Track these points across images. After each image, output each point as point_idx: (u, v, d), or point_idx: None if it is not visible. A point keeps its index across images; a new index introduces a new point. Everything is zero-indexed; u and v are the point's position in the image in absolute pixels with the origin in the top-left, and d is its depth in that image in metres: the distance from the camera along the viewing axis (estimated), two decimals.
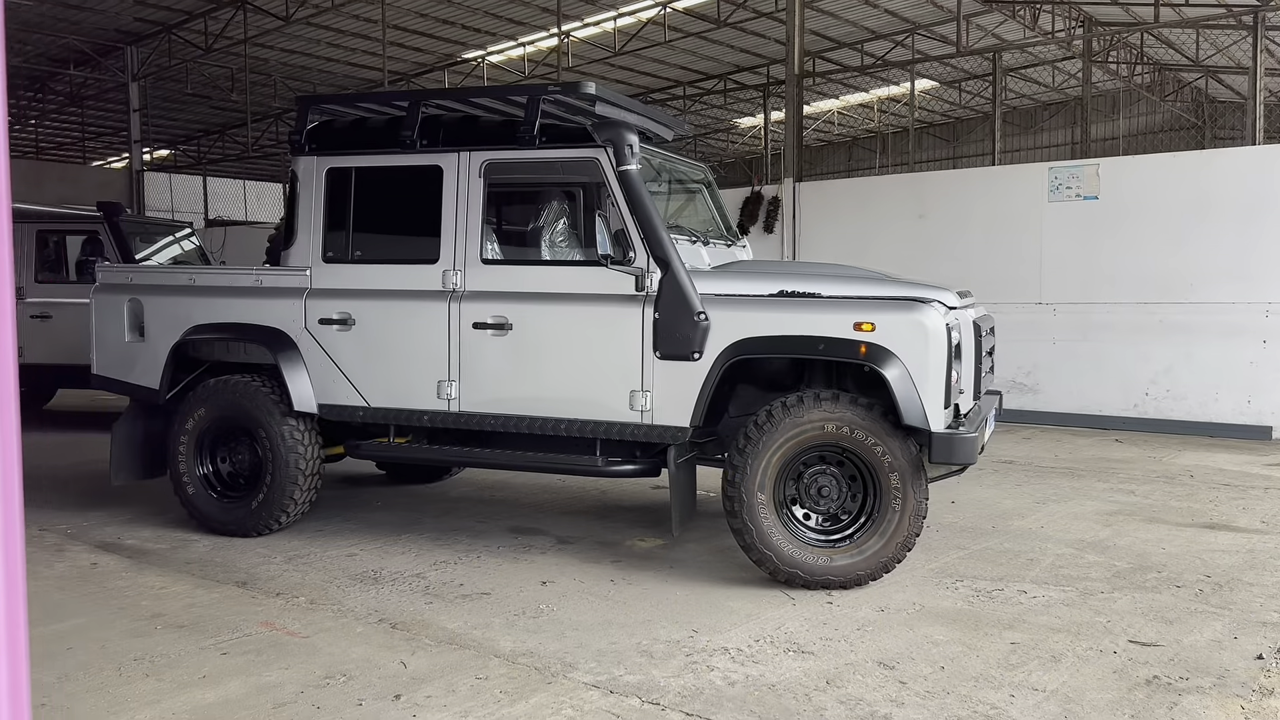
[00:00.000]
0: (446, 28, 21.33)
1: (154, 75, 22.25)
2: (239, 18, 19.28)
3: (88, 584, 4.93)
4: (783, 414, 4.79)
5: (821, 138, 35.36)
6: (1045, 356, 10.68)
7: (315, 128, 5.92)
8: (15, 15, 19.41)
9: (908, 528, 4.74)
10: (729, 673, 3.79)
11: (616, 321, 5.13)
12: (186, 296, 6.09)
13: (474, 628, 4.31)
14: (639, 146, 5.19)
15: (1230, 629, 4.26)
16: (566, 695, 3.59)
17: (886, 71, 25.74)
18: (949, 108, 31.48)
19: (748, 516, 4.80)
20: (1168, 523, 6.18)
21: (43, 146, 30.52)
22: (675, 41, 22.45)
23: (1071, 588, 4.85)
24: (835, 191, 12.44)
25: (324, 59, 23.14)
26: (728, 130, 33.51)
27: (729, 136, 34.35)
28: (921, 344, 4.64)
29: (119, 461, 6.25)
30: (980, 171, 12.41)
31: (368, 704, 3.52)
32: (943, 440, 4.61)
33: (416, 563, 5.33)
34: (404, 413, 5.60)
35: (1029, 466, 8.15)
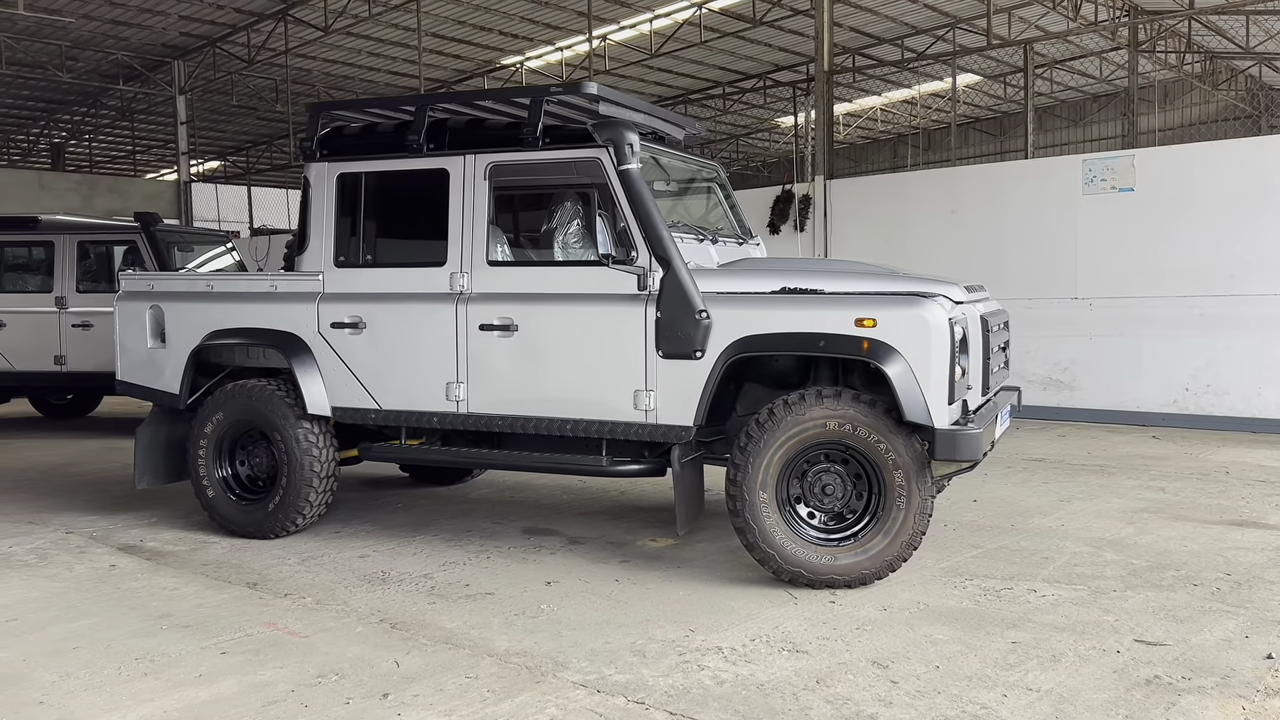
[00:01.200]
0: (484, 34, 21.49)
1: (200, 89, 22.70)
2: (280, 30, 19.58)
3: (104, 585, 5.03)
4: (784, 412, 4.74)
5: (865, 134, 35.06)
6: (1082, 352, 10.47)
7: (326, 134, 5.99)
8: (67, 34, 19.94)
9: (913, 526, 4.67)
10: (719, 672, 3.77)
11: (619, 321, 5.13)
12: (205, 303, 6.19)
13: (472, 627, 4.32)
14: (640, 145, 5.17)
15: (1243, 628, 4.14)
16: (553, 694, 3.59)
17: (929, 66, 25.47)
18: (994, 102, 31.02)
19: (750, 515, 4.76)
20: (1194, 520, 6.03)
21: (97, 160, 31.28)
22: (712, 42, 22.41)
23: (1083, 586, 4.75)
24: (867, 188, 12.33)
25: (365, 68, 23.44)
26: (770, 130, 33.35)
27: (771, 136, 34.18)
28: (924, 339, 4.57)
29: (143, 466, 6.37)
30: (1013, 165, 12.21)
31: (355, 702, 3.55)
32: (946, 437, 4.54)
33: (426, 563, 5.37)
34: (414, 415, 5.65)
35: (1059, 464, 8.00)
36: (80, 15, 19.02)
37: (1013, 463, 8.07)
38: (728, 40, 22.58)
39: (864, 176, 12.71)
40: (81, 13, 18.89)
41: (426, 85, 24.77)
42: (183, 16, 19.47)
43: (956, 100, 23.92)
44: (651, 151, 5.91)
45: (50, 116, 26.52)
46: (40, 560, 5.51)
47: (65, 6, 18.45)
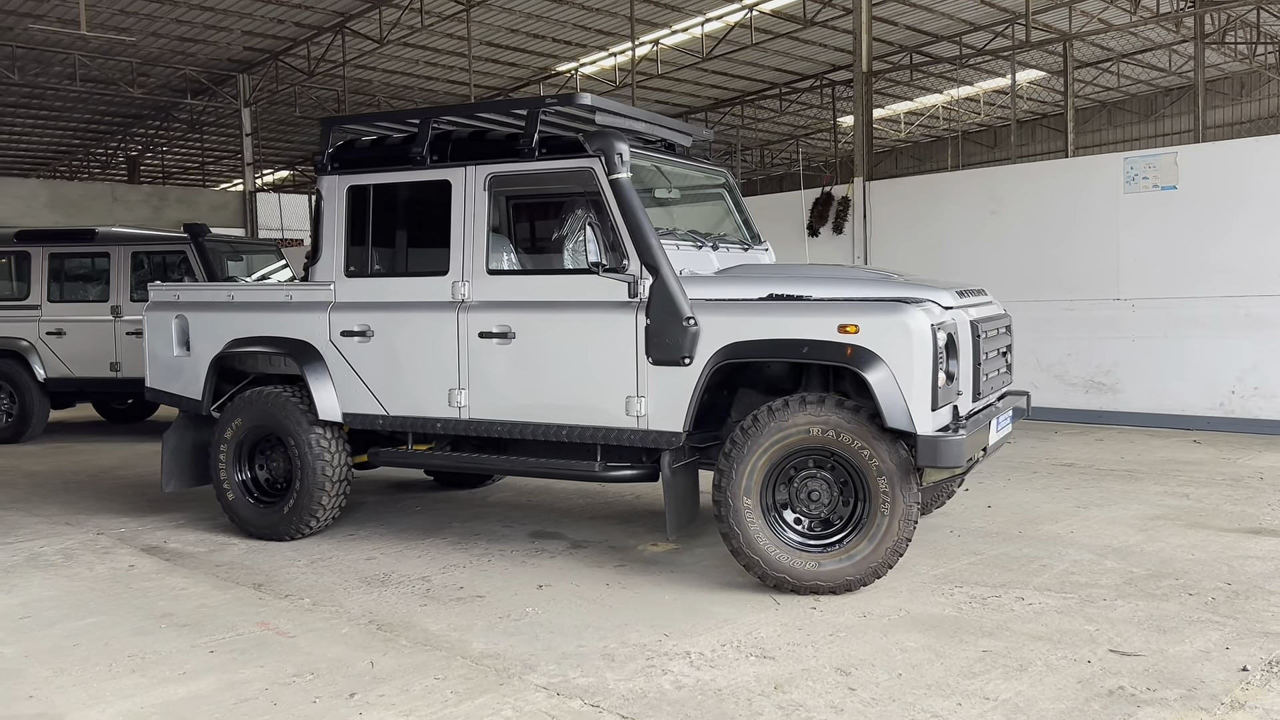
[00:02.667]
0: (537, 42, 21.72)
1: (265, 101, 23.33)
2: (338, 42, 20.05)
3: (118, 585, 5.25)
4: (768, 418, 4.76)
5: (928, 132, 34.59)
6: (1124, 354, 10.24)
7: (339, 147, 6.16)
8: (137, 51, 20.66)
9: (898, 532, 4.65)
10: (681, 677, 3.81)
11: (611, 328, 5.19)
12: (226, 312, 6.41)
13: (454, 630, 4.43)
14: (630, 155, 5.23)
15: (1226, 639, 4.05)
16: (512, 696, 3.67)
17: (991, 63, 25.05)
18: (1060, 97, 30.33)
19: (734, 521, 4.79)
20: (1211, 528, 5.88)
21: (170, 172, 32.34)
22: (765, 44, 22.34)
23: (1074, 595, 4.68)
24: (907, 190, 12.21)
25: (423, 77, 23.87)
26: (830, 130, 33.07)
27: (831, 136, 33.90)
28: (905, 346, 4.55)
29: (170, 469, 6.62)
30: (1053, 164, 11.98)
31: (322, 701, 3.67)
32: (928, 443, 4.51)
33: (428, 566, 5.49)
34: (420, 420, 5.78)
35: (1088, 469, 7.85)
36: (149, 34, 19.71)
37: (1039, 468, 7.94)
38: (781, 41, 22.50)
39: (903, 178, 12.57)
40: (150, 31, 19.56)
41: (483, 93, 25.16)
42: (245, 32, 20.05)
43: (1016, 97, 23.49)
44: (653, 160, 5.98)
45: (126, 130, 27.50)
46: (66, 560, 5.77)
47: (134, 25, 19.12)
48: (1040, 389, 10.75)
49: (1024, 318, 10.73)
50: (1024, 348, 10.74)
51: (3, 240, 11.67)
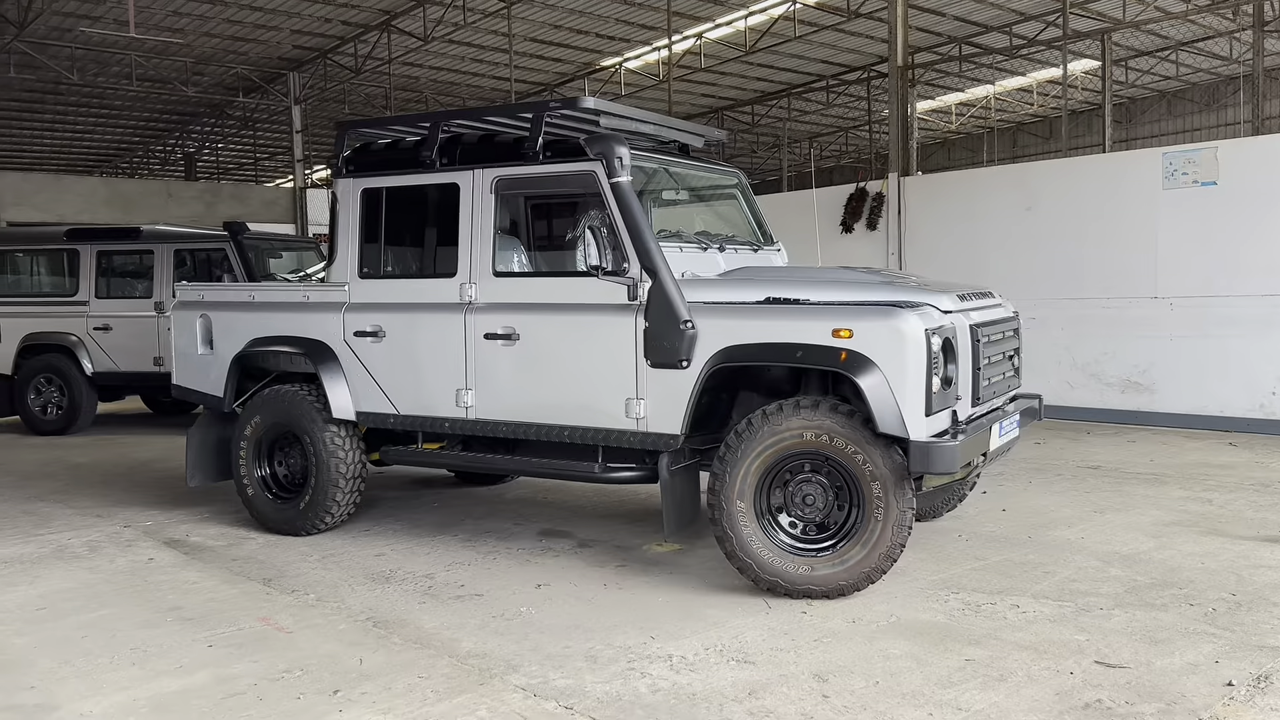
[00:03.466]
0: (580, 37, 21.78)
1: (315, 99, 23.69)
2: (384, 40, 20.30)
3: (135, 578, 5.41)
4: (761, 422, 4.77)
5: (980, 124, 34.07)
6: (1162, 354, 10.04)
7: (355, 150, 6.26)
8: (190, 50, 21.10)
9: (891, 538, 4.64)
10: (659, 680, 3.84)
11: (611, 331, 5.23)
12: (247, 312, 6.57)
13: (447, 628, 4.50)
14: (630, 158, 5.25)
15: (1218, 652, 3.98)
16: (490, 697, 3.73)
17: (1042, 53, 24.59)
18: (1117, 87, 29.68)
19: (728, 524, 4.80)
20: (1227, 535, 5.76)
21: (226, 168, 32.97)
22: (810, 36, 22.16)
23: (1071, 603, 4.63)
24: (942, 185, 12.07)
25: (469, 74, 24.05)
26: (881, 122, 32.71)
27: (881, 128, 33.54)
28: (898, 350, 4.53)
29: (194, 465, 6.80)
30: (1089, 159, 11.74)
31: (306, 698, 3.77)
32: (920, 449, 4.49)
33: (434, 563, 5.58)
34: (428, 420, 5.88)
35: (1113, 472, 7.72)
36: (201, 33, 20.10)
37: (1064, 470, 7.83)
38: (826, 34, 22.29)
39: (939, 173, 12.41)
40: (202, 31, 19.96)
41: (528, 89, 25.31)
42: (294, 31, 20.36)
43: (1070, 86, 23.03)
44: (661, 162, 6.01)
45: (183, 128, 28.11)
46: (90, 552, 5.96)
47: (187, 25, 19.53)
48: (1076, 388, 10.60)
49: (1059, 316, 10.59)
50: (1059, 346, 10.60)
51: (53, 238, 12.04)
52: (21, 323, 11.64)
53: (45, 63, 20.15)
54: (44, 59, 20.08)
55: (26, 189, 20.25)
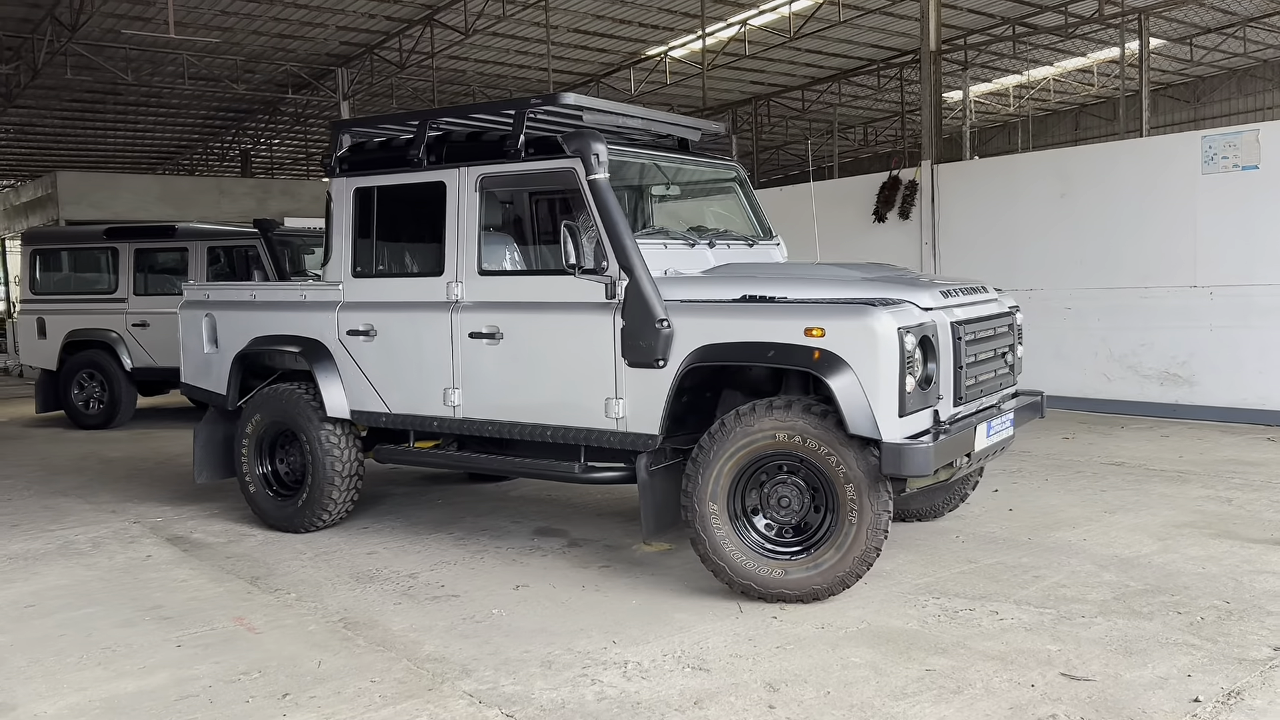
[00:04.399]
0: (624, 27, 21.69)
1: (363, 94, 23.95)
2: (427, 34, 20.43)
3: (127, 575, 5.51)
4: (734, 423, 4.68)
5: (1041, 107, 33.26)
6: (1201, 345, 9.68)
7: (351, 149, 6.28)
8: (242, 48, 21.47)
9: (865, 541, 4.52)
10: (608, 688, 3.79)
11: (590, 329, 5.18)
12: (248, 310, 6.64)
13: (414, 630, 4.50)
14: (607, 155, 5.18)
15: (1194, 665, 3.81)
16: (434, 703, 3.71)
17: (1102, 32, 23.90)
18: (1182, 65, 28.76)
19: (700, 526, 4.73)
20: (1238, 538, 5.53)
21: (281, 163, 33.50)
22: (856, 20, 21.79)
23: (1053, 610, 4.47)
24: (976, 172, 11.77)
25: (515, 66, 24.11)
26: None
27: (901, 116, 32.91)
28: (870, 350, 4.41)
29: (201, 462, 6.90)
30: (1126, 144, 11.35)
31: (255, 701, 3.78)
32: (892, 451, 4.36)
33: (421, 563, 5.59)
34: (418, 419, 5.89)
35: (1137, 469, 7.46)
36: (250, 32, 20.43)
37: (1085, 467, 7.59)
38: (873, 17, 21.89)
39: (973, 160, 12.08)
40: (250, 29, 20.27)
41: (575, 79, 25.32)
42: (340, 27, 20.58)
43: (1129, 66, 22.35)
44: (651, 157, 5.93)
45: (239, 125, 28.64)
46: (93, 549, 6.08)
47: (235, 24, 19.85)
48: (1113, 381, 10.28)
49: (1095, 306, 10.29)
50: (1096, 337, 10.30)
51: (93, 237, 12.33)
52: (65, 319, 11.96)
53: (102, 64, 20.62)
54: (100, 60, 20.55)
55: (84, 187, 20.79)
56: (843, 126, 32.48)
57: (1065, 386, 10.63)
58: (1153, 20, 23.62)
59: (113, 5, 18.12)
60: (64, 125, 27.57)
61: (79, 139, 29.51)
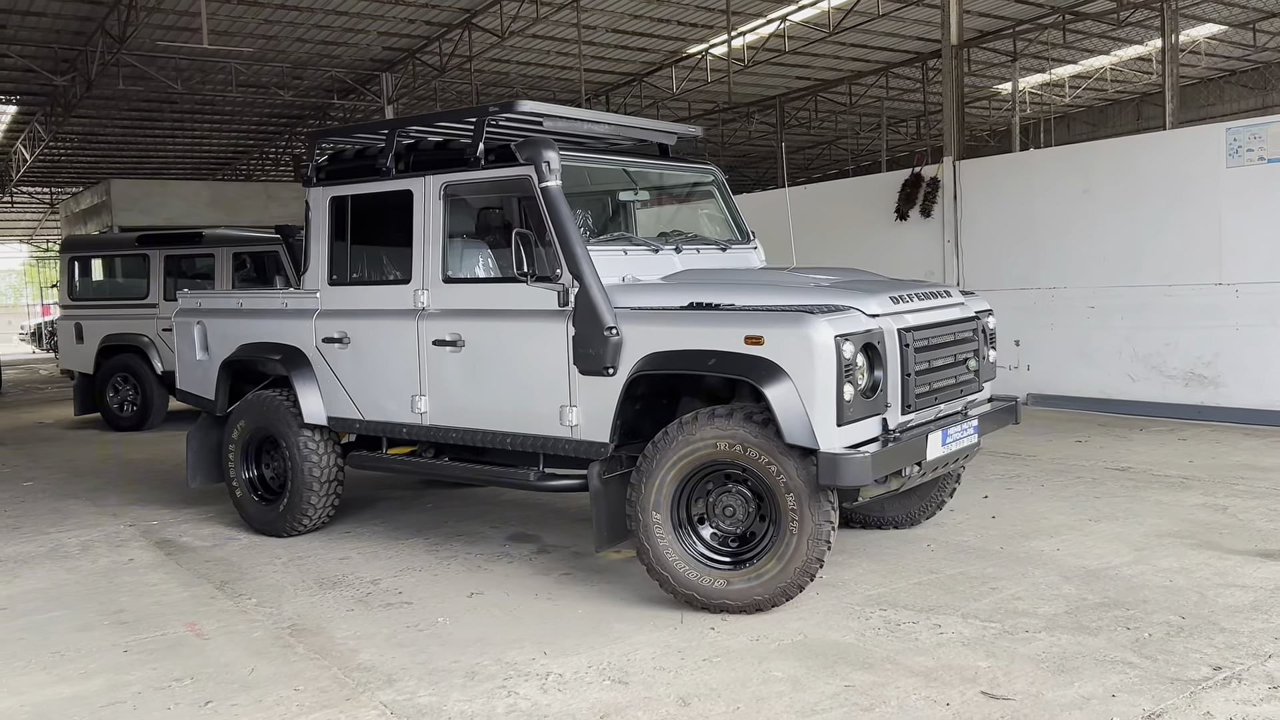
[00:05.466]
0: (663, 25, 21.61)
1: (406, 98, 24.24)
2: (468, 37, 20.61)
3: (104, 579, 5.64)
4: (677, 432, 4.64)
5: (1100, 97, 32.41)
6: (1227, 345, 9.35)
7: (329, 158, 6.36)
8: (288, 55, 21.87)
9: (807, 552, 4.45)
10: (521, 700, 3.78)
11: (544, 337, 5.17)
12: (234, 318, 6.77)
13: (356, 638, 4.54)
14: (558, 162, 5.16)
15: (1124, 685, 3.67)
16: (347, 714, 3.74)
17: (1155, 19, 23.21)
18: (1245, 51, 27.80)
19: (644, 536, 4.70)
20: (1219, 549, 5.32)
21: None
22: (899, 13, 21.44)
23: (999, 624, 4.35)
24: (997, 169, 11.50)
25: (558, 67, 24.18)
26: (989, 98, 31.50)
27: (989, 105, 32.29)
28: (806, 358, 4.33)
29: (194, 466, 7.05)
30: (1148, 138, 11.00)
31: (177, 708, 3.85)
32: (828, 461, 4.28)
33: (388, 569, 5.64)
34: (389, 425, 5.95)
35: (1140, 475, 7.23)
36: (294, 39, 20.80)
37: (1086, 472, 7.38)
38: (917, 9, 21.51)
39: (995, 156, 11.78)
40: (294, 37, 20.64)
41: (617, 79, 25.36)
42: (381, 33, 20.84)
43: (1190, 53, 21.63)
44: (617, 163, 5.91)
45: (291, 131, 29.19)
46: (81, 552, 6.24)
47: (279, 32, 20.23)
48: (1137, 381, 9.98)
49: (1119, 304, 10.02)
50: (1119, 337, 10.03)
51: (126, 244, 12.67)
52: (101, 324, 12.32)
53: (153, 75, 21.17)
54: (151, 71, 21.10)
55: (135, 194, 21.38)
56: (893, 120, 32.03)
57: (1088, 387, 10.37)
58: (1211, 6, 22.90)
59: (160, 17, 18.59)
60: (124, 134, 28.37)
61: (139, 147, 30.34)
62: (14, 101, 23.90)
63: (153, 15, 18.37)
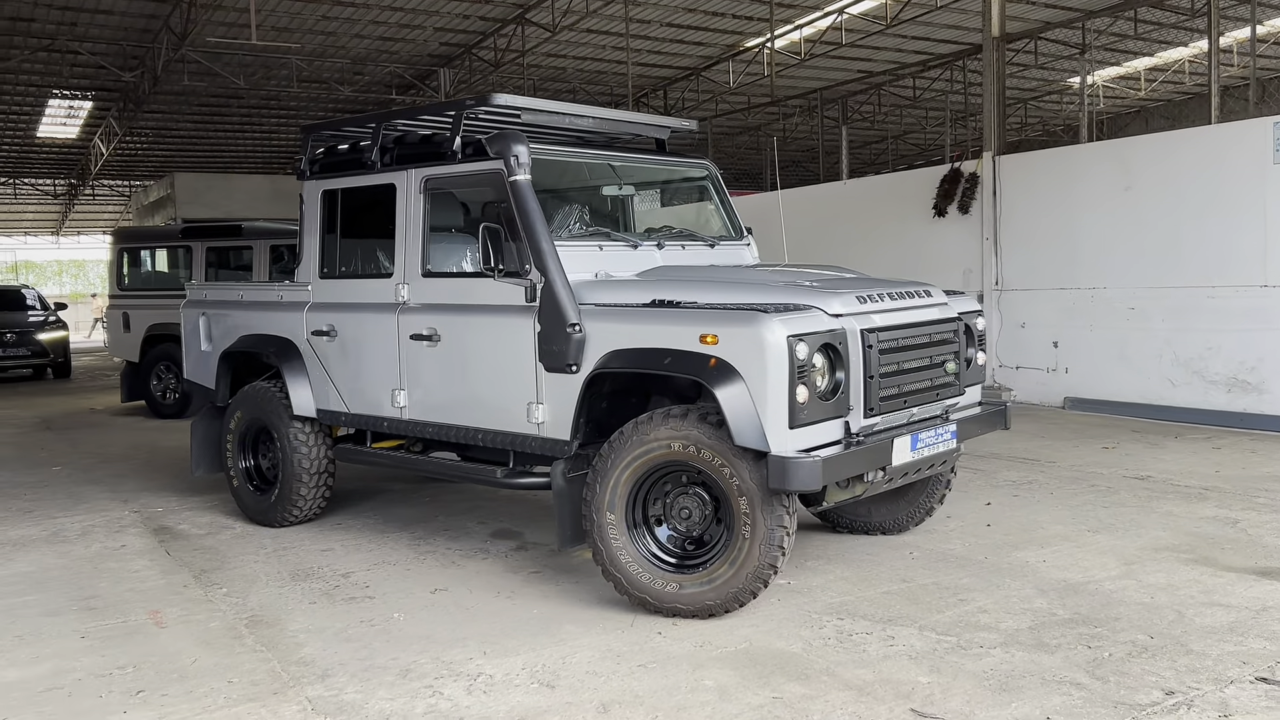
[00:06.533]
0: (718, 19, 21.45)
1: (464, 93, 24.43)
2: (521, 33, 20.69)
3: (89, 564, 5.75)
4: (632, 431, 4.55)
5: (1179, 90, 31.31)
6: (1272, 350, 8.91)
7: (322, 152, 6.39)
8: (347, 51, 22.21)
9: (759, 557, 4.32)
10: (442, 701, 3.74)
11: (513, 333, 5.12)
12: (234, 310, 6.85)
13: (307, 631, 4.54)
14: (528, 155, 5.09)
15: (1063, 707, 3.49)
16: (269, 708, 3.73)
17: (1237, 9, 22.34)
18: None
19: (598, 536, 4.62)
20: (1215, 566, 5.05)
21: None
22: (961, 4, 20.95)
23: (956, 638, 4.17)
24: (1038, 164, 11.12)
25: (615, 61, 24.14)
26: (1061, 91, 30.64)
27: (1060, 99, 31.40)
28: (758, 358, 4.21)
29: (198, 456, 7.15)
30: (1191, 133, 10.53)
31: (108, 696, 3.88)
32: (776, 464, 4.15)
33: (363, 562, 5.64)
34: (371, 419, 5.96)
35: (1158, 484, 6.92)
36: (353, 35, 21.11)
37: (1101, 481, 7.09)
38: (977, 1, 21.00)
39: (1035, 152, 11.37)
40: (353, 33, 20.95)
41: (675, 74, 25.25)
42: (437, 29, 21.03)
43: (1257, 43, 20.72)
44: (602, 158, 5.83)
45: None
46: (80, 536, 6.38)
47: (338, 29, 20.55)
48: (1177, 387, 9.58)
49: (1159, 306, 9.65)
50: (1159, 340, 9.65)
51: (171, 235, 12.97)
52: (146, 314, 12.61)
53: (218, 71, 21.67)
54: (216, 67, 21.60)
55: (199, 187, 21.92)
56: (960, 115, 31.33)
57: (1127, 391, 9.98)
58: None
59: (221, 14, 19.00)
60: (195, 129, 29.10)
61: (210, 142, 31.10)
62: (89, 97, 24.63)
63: (214, 13, 18.78)
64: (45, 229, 47.44)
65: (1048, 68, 26.79)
